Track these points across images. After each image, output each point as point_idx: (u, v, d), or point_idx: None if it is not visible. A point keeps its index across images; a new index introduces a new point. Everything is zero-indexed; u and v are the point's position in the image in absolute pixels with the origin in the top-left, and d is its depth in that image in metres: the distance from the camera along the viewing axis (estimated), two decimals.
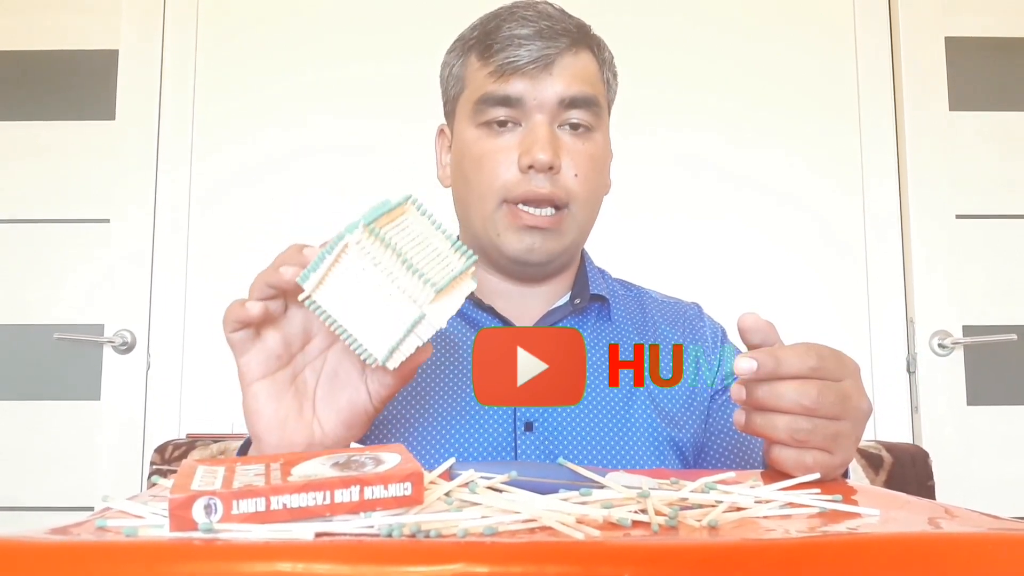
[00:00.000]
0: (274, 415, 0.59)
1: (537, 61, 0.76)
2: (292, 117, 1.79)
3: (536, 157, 0.74)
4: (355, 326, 0.53)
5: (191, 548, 0.33)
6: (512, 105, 0.77)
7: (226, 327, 0.59)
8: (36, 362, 1.74)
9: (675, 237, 1.77)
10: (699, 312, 0.91)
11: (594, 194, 0.81)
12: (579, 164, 0.77)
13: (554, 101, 0.77)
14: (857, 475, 1.29)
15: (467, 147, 0.80)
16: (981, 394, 1.73)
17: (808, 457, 0.55)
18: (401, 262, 0.51)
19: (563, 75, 0.77)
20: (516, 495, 0.42)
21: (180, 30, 1.81)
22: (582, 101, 0.77)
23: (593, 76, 0.80)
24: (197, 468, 0.41)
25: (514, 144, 0.77)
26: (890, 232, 1.78)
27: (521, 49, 0.76)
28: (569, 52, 0.78)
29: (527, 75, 0.76)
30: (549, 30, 0.77)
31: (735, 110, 1.80)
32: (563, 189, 0.77)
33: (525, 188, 0.76)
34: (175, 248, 1.76)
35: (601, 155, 0.81)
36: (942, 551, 0.34)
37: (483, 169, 0.78)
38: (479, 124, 0.79)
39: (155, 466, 1.31)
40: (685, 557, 0.33)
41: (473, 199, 0.79)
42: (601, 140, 0.81)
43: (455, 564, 0.31)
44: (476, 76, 0.79)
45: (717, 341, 0.88)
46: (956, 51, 1.80)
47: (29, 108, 1.80)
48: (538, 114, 0.77)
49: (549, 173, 0.76)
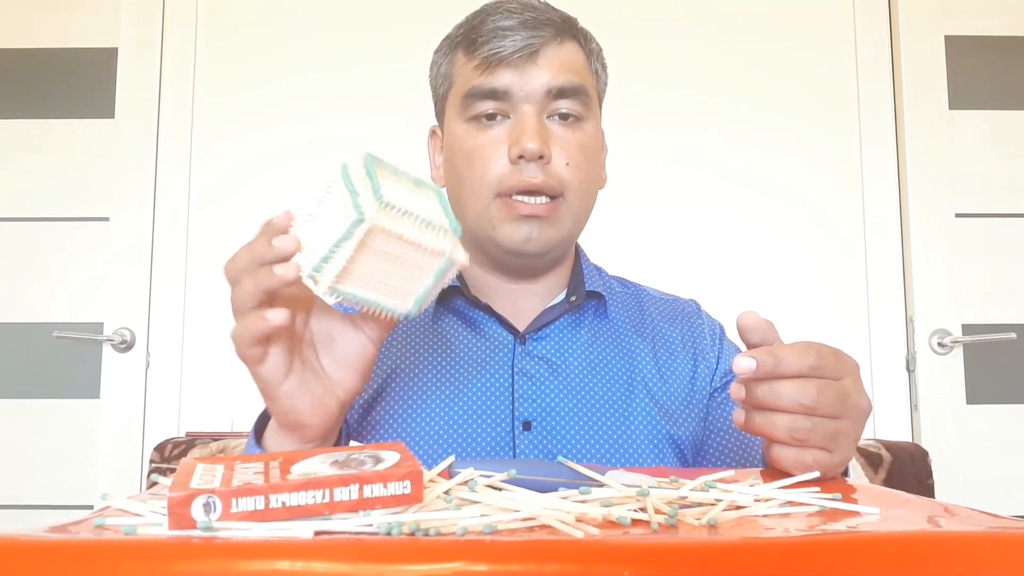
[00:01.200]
0: (309, 401, 0.58)
1: (522, 51, 0.75)
2: (291, 115, 1.79)
3: (525, 146, 0.74)
4: (379, 295, 0.51)
5: (190, 546, 0.33)
6: (499, 98, 0.76)
7: (243, 346, 0.55)
8: (35, 360, 1.74)
9: (675, 235, 1.77)
10: (697, 309, 0.91)
11: (588, 183, 0.80)
12: (570, 153, 0.77)
13: (541, 91, 0.76)
14: (856, 473, 1.29)
15: (458, 143, 0.79)
16: (980, 393, 1.73)
17: (808, 456, 0.55)
18: (421, 223, 0.50)
19: (549, 65, 0.76)
20: (515, 493, 0.42)
21: (179, 28, 1.81)
22: (570, 90, 0.77)
23: (580, 66, 0.80)
24: (196, 466, 0.41)
25: (503, 136, 0.77)
26: (890, 231, 1.78)
27: (505, 40, 0.75)
28: (554, 42, 0.77)
29: (512, 65, 0.76)
30: (533, 20, 0.76)
31: (736, 109, 1.80)
32: (555, 178, 0.76)
33: (517, 179, 0.75)
34: (175, 246, 1.76)
35: (592, 145, 0.81)
36: (941, 550, 0.34)
37: (474, 163, 0.77)
38: (468, 119, 0.78)
39: (154, 464, 1.31)
40: (684, 555, 0.33)
41: (467, 194, 0.79)
42: (592, 130, 0.81)
43: (454, 562, 0.31)
44: (463, 71, 0.79)
45: (715, 339, 0.87)
46: (956, 50, 1.80)
47: (28, 106, 1.80)
48: (526, 104, 0.76)
49: (540, 162, 0.75)
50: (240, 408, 1.70)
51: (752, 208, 1.78)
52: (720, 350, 0.86)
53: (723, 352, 0.86)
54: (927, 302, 1.74)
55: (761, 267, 1.77)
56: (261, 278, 0.52)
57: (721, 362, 0.85)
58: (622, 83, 1.85)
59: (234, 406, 1.71)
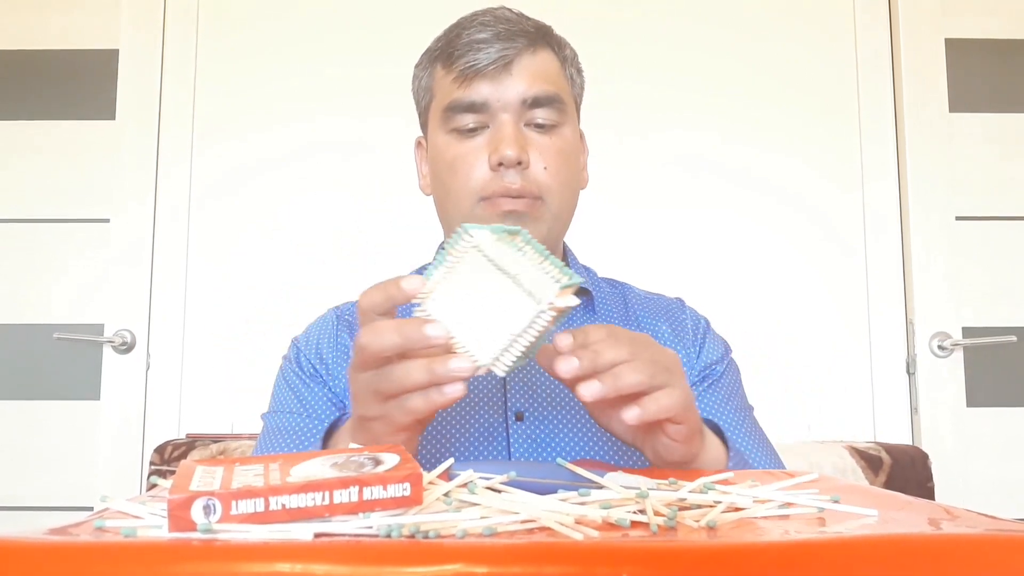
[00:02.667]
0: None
1: (496, 62, 0.78)
2: (292, 116, 1.79)
3: (504, 154, 0.77)
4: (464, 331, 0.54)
5: (190, 549, 0.33)
6: (478, 110, 0.79)
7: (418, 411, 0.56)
8: (36, 362, 1.73)
9: (675, 236, 1.77)
10: (681, 305, 0.93)
11: (567, 186, 0.82)
12: (548, 158, 0.80)
13: (517, 101, 0.79)
14: (856, 476, 1.29)
15: (440, 154, 0.82)
16: (980, 395, 1.73)
17: (664, 396, 0.58)
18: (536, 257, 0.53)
19: (523, 75, 0.79)
20: (515, 495, 0.42)
21: (180, 30, 1.81)
22: (545, 99, 0.80)
23: (554, 73, 0.82)
24: (196, 468, 0.41)
25: (483, 145, 0.79)
26: (890, 234, 1.78)
27: (480, 53, 0.78)
28: (528, 52, 0.80)
29: (488, 77, 0.78)
30: (507, 32, 0.79)
31: (735, 110, 1.80)
32: (534, 183, 0.79)
33: (497, 185, 0.78)
34: (175, 248, 1.76)
35: (570, 148, 0.83)
36: (941, 552, 0.34)
37: (457, 173, 0.80)
38: (449, 130, 0.81)
39: (154, 466, 1.31)
40: (684, 558, 0.33)
41: (452, 202, 0.81)
42: (569, 134, 0.83)
43: (454, 565, 0.31)
44: (442, 84, 0.82)
45: (698, 332, 0.89)
46: (956, 53, 1.80)
47: (29, 107, 1.80)
48: (503, 114, 0.79)
49: (518, 168, 0.78)
50: (240, 410, 1.71)
51: (752, 210, 1.78)
52: (702, 344, 0.88)
53: (704, 345, 0.88)
54: (927, 305, 1.74)
55: (761, 269, 1.77)
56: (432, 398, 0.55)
57: (701, 355, 0.87)
58: (621, 83, 1.86)
59: (234, 408, 1.71)
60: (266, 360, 1.31)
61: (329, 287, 1.71)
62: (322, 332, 0.87)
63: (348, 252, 1.76)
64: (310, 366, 0.84)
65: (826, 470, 1.27)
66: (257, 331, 1.72)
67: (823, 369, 1.75)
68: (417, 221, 1.72)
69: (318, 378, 0.83)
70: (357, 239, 1.76)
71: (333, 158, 1.78)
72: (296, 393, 0.83)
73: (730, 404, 0.84)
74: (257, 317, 1.72)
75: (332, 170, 1.78)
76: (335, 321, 0.87)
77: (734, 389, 0.87)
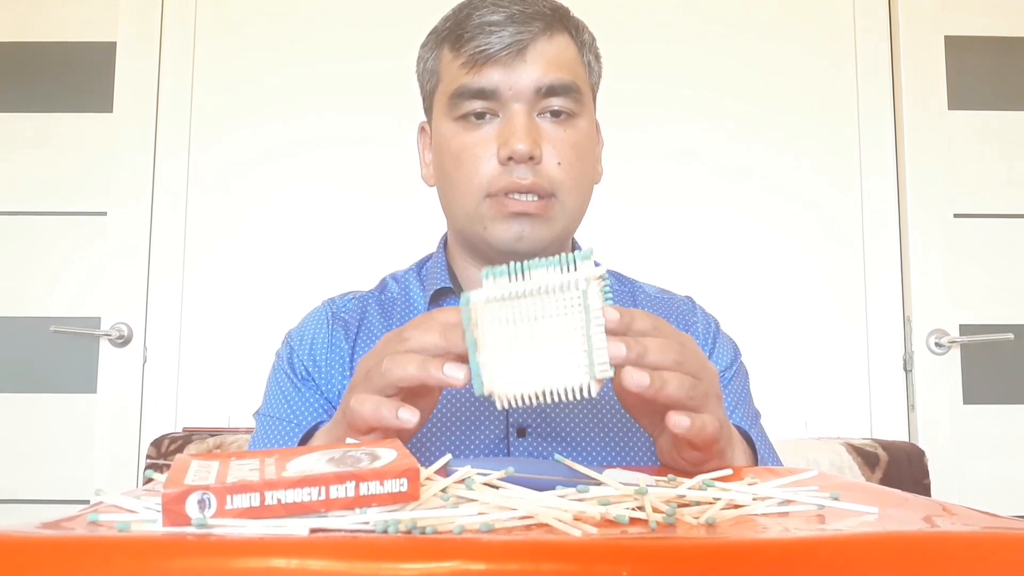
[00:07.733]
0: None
1: (510, 48, 0.72)
2: (290, 110, 1.79)
3: (514, 148, 0.71)
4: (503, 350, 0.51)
5: (184, 543, 0.33)
6: (487, 97, 0.73)
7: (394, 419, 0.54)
8: (32, 355, 1.73)
9: (675, 233, 1.77)
10: (692, 306, 0.89)
11: (581, 182, 0.77)
12: (561, 152, 0.74)
13: (531, 89, 0.73)
14: (853, 472, 1.29)
15: (446, 143, 0.77)
16: (977, 393, 1.73)
17: (703, 419, 0.55)
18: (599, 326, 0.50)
19: (538, 61, 0.73)
20: (513, 492, 0.42)
21: (178, 23, 1.80)
22: (560, 88, 0.74)
23: (571, 60, 0.77)
24: (191, 463, 0.41)
25: (492, 136, 0.74)
26: (888, 231, 1.78)
27: (492, 36, 0.72)
28: (543, 36, 0.74)
29: (500, 63, 0.72)
30: (521, 14, 0.73)
31: (735, 107, 1.80)
32: (546, 179, 0.73)
33: (507, 180, 0.73)
34: (172, 241, 1.76)
35: (585, 141, 0.77)
36: (939, 549, 0.34)
37: (463, 165, 0.75)
38: (456, 118, 0.75)
39: (151, 460, 1.31)
40: (682, 554, 0.32)
41: (456, 196, 0.77)
42: (585, 126, 0.77)
43: (451, 561, 0.31)
44: (449, 68, 0.76)
45: (708, 334, 0.86)
46: (955, 50, 1.80)
47: (26, 100, 1.79)
48: (515, 103, 0.73)
49: (530, 163, 0.73)
50: (237, 404, 1.70)
51: (750, 207, 1.78)
52: (712, 348, 0.85)
53: (715, 347, 0.85)
54: (925, 302, 1.74)
55: (759, 266, 1.77)
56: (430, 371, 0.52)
57: (712, 358, 0.84)
58: (622, 81, 1.85)
59: (231, 402, 1.71)
60: (263, 354, 1.30)
61: (326, 281, 1.70)
62: (316, 331, 0.83)
63: (345, 246, 1.75)
64: (302, 368, 0.80)
65: (823, 467, 1.27)
66: (254, 325, 1.72)
67: (820, 366, 1.75)
68: (414, 216, 1.72)
69: (310, 382, 0.80)
70: (354, 233, 1.76)
71: (331, 152, 1.78)
72: (287, 399, 0.79)
73: (737, 412, 0.81)
74: (254, 311, 1.72)
75: (329, 164, 1.78)
76: (329, 319, 0.83)
77: (742, 396, 0.83)
